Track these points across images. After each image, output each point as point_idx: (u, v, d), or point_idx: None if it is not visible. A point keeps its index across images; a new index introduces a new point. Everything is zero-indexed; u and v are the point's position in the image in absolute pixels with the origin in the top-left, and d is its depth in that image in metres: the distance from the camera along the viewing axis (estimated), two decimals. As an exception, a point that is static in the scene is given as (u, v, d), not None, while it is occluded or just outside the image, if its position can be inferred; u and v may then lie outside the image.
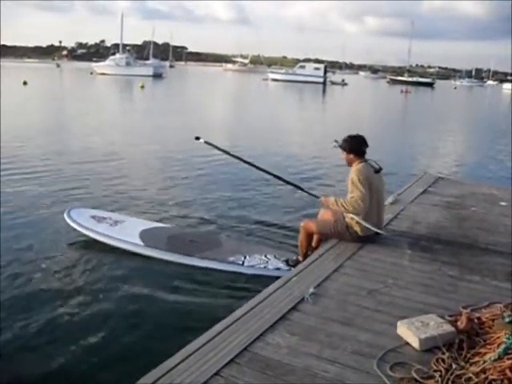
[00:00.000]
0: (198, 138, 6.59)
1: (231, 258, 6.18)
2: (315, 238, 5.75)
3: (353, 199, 5.21)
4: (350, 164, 5.52)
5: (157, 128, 20.99)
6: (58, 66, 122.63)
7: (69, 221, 7.08)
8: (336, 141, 5.57)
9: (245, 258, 6.23)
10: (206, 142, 6.51)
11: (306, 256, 5.66)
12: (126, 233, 6.79)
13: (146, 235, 6.76)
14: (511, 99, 69.22)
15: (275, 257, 6.22)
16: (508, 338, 3.09)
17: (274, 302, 4.01)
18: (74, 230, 7.03)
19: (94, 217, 7.20)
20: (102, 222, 7.08)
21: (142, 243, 6.56)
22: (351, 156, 5.47)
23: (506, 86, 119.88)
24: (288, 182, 6.22)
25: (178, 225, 7.88)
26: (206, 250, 6.42)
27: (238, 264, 6.10)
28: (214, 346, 3.32)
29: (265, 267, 6.03)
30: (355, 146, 5.46)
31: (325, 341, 3.48)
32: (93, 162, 12.94)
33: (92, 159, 13.23)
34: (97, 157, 13.56)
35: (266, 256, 6.26)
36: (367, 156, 5.55)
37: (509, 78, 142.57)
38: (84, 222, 7.02)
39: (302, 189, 6.16)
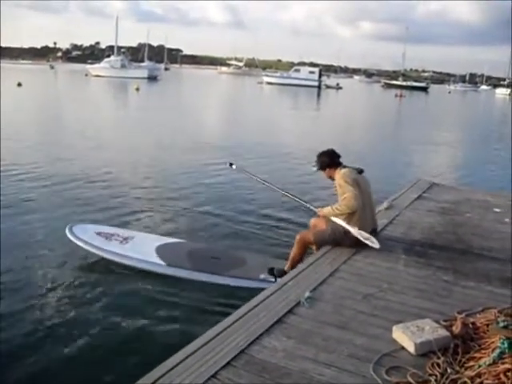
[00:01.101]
0: (231, 165, 6.75)
1: (262, 276, 5.95)
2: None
3: (345, 200, 5.29)
4: (332, 177, 5.64)
5: (156, 134, 20.80)
6: (52, 67, 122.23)
7: (73, 238, 6.64)
8: (313, 165, 5.78)
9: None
10: (239, 169, 6.74)
11: (293, 268, 5.70)
12: (141, 251, 6.42)
13: (163, 252, 6.41)
14: (510, 104, 69.45)
15: None
16: (502, 343, 3.12)
17: (271, 306, 4.03)
18: (79, 247, 6.64)
19: (99, 233, 6.77)
20: (110, 239, 6.67)
21: (162, 262, 6.23)
22: (327, 171, 5.65)
23: (500, 90, 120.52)
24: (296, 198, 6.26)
25: (191, 239, 7.53)
26: (233, 268, 6.20)
27: (271, 281, 5.75)
28: (210, 349, 3.34)
29: None
30: (326, 160, 5.65)
31: (321, 344, 3.50)
32: (88, 172, 12.39)
33: (87, 169, 12.71)
34: (92, 166, 13.05)
35: None
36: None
37: (502, 83, 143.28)
38: (91, 239, 6.60)
39: (304, 201, 6.21)
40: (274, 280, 5.80)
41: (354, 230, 5.38)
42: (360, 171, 5.58)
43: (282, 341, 3.52)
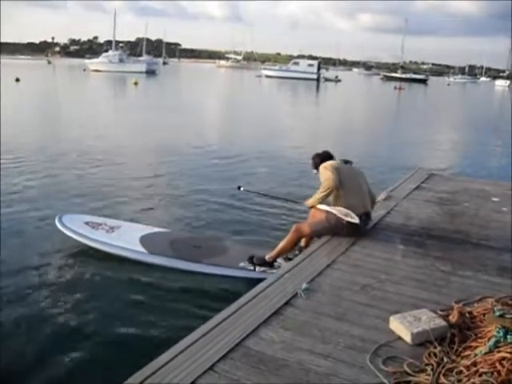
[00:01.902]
0: (239, 188, 7.34)
1: (241, 264, 5.94)
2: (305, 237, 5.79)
3: (323, 184, 5.49)
4: None
5: (152, 127, 20.65)
6: (49, 62, 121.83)
7: (61, 228, 6.74)
8: (312, 168, 5.96)
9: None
10: (246, 190, 7.59)
11: (276, 259, 5.71)
12: (126, 239, 6.51)
13: (146, 241, 6.50)
14: (509, 95, 69.32)
15: (285, 260, 5.97)
16: (498, 332, 3.12)
17: (268, 298, 4.02)
18: (68, 237, 6.70)
19: (87, 223, 6.88)
20: (97, 228, 6.76)
21: (145, 250, 6.30)
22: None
23: (499, 82, 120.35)
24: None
25: (176, 229, 7.63)
26: (214, 256, 6.23)
27: (250, 270, 5.85)
28: (207, 341, 3.33)
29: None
30: (319, 162, 5.79)
31: (318, 336, 3.49)
32: (81, 164, 12.46)
33: (80, 161, 12.75)
34: (85, 158, 13.09)
35: (275, 260, 6.04)
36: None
37: (501, 74, 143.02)
38: (79, 228, 6.69)
39: (294, 202, 6.62)
40: (253, 268, 5.84)
41: (334, 209, 5.45)
42: (346, 162, 5.79)
43: (279, 332, 3.52)
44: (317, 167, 5.78)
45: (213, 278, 5.95)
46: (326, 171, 5.53)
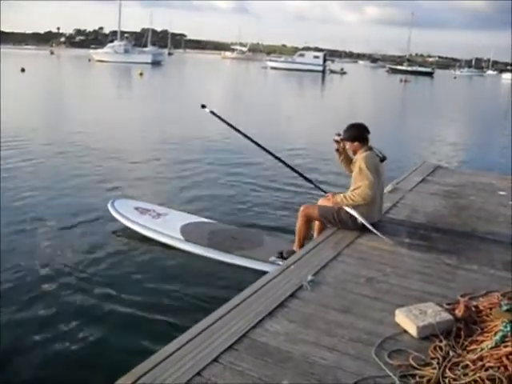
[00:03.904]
0: (203, 107, 6.20)
1: (272, 258, 5.93)
2: (317, 226, 5.73)
3: (361, 189, 5.17)
4: (355, 153, 5.53)
5: (180, 117, 20.98)
6: (52, 53, 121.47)
7: (112, 211, 7.20)
8: (339, 134, 5.62)
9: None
10: (212, 113, 6.13)
11: (302, 246, 5.60)
12: (168, 226, 6.75)
13: (187, 229, 6.70)
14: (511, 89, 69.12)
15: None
16: (505, 326, 3.10)
17: (273, 289, 4.01)
18: (116, 219, 7.16)
19: (137, 208, 7.26)
20: (144, 213, 7.10)
21: (182, 237, 6.51)
22: (355, 144, 5.49)
23: (506, 76, 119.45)
24: (300, 174, 6.14)
25: (221, 220, 7.74)
26: (248, 248, 6.30)
27: (279, 264, 5.70)
28: (212, 333, 3.33)
29: None
30: (357, 133, 5.51)
31: (323, 328, 3.49)
32: (133, 154, 13.10)
33: (132, 152, 13.44)
34: (137, 149, 13.86)
35: None
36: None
37: (508, 67, 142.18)
38: (127, 212, 7.10)
39: (312, 182, 6.16)
40: (282, 263, 5.80)
41: (358, 215, 5.31)
42: (382, 159, 5.46)
43: (284, 324, 3.51)
44: (351, 139, 5.46)
45: (243, 270, 5.99)
46: (366, 171, 5.17)
